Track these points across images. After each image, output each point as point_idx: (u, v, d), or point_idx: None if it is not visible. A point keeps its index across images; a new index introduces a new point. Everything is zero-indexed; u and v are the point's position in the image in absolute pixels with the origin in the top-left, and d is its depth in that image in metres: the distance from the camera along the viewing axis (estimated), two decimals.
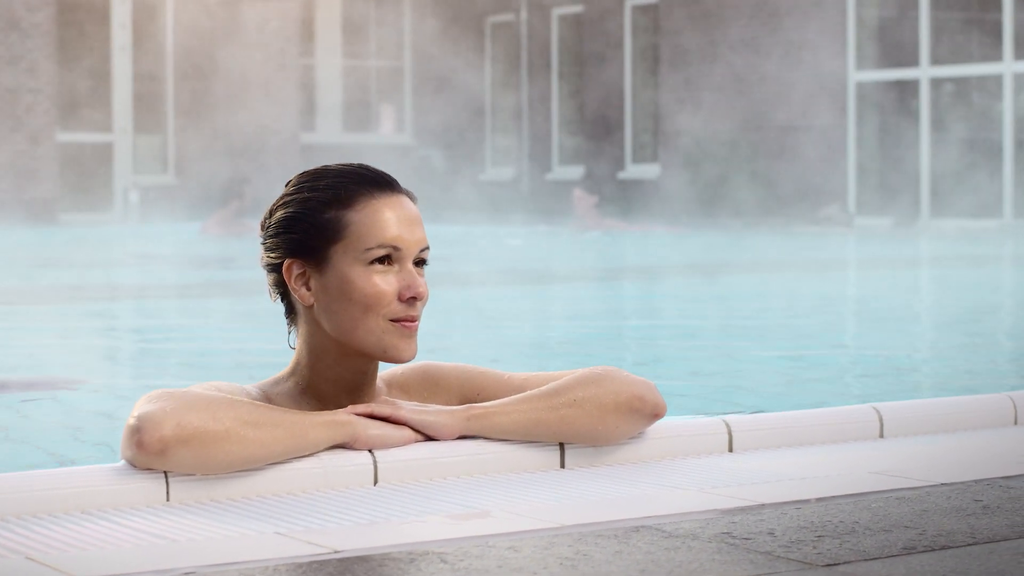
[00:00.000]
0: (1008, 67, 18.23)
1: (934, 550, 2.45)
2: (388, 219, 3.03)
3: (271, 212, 3.11)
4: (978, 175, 18.27)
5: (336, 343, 3.04)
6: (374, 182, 3.07)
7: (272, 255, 3.09)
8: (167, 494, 2.81)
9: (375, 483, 2.97)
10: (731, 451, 3.35)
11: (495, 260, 15.29)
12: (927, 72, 18.85)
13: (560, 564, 2.36)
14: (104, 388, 6.08)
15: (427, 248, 3.09)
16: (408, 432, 3.05)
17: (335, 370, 3.07)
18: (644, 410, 3.17)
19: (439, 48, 24.42)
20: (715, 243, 17.27)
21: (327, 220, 3.03)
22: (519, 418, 3.10)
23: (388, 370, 3.23)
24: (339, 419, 2.97)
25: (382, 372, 3.21)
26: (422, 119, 24.86)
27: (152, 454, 2.80)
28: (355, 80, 24.60)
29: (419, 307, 3.05)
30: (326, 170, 3.10)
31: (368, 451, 2.98)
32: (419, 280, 3.04)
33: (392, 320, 3.02)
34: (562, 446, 3.15)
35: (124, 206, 21.71)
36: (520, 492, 2.92)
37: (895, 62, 19.28)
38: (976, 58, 18.71)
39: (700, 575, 2.31)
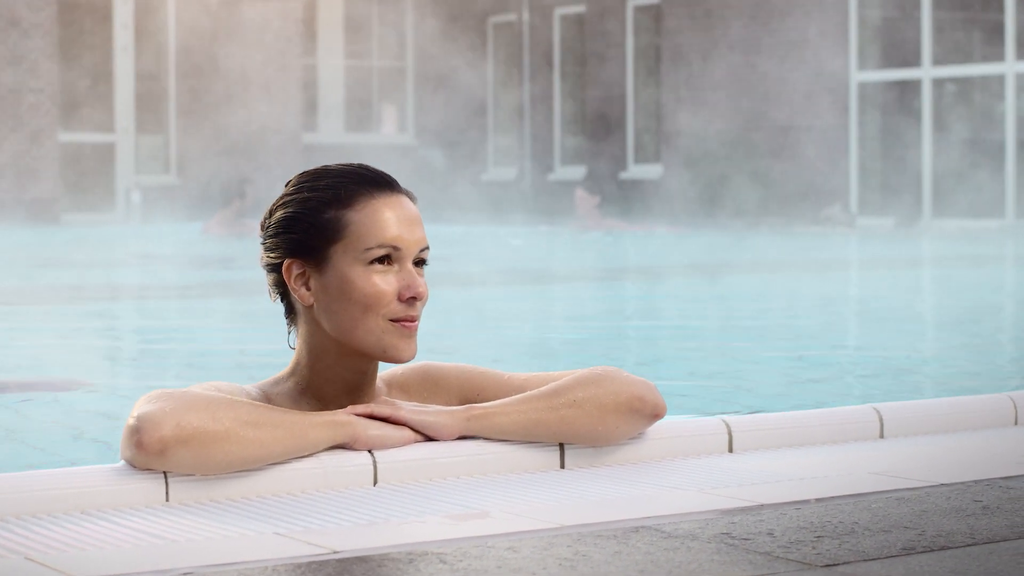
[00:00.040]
0: (1010, 67, 18.23)
1: (933, 551, 2.45)
2: (388, 219, 3.03)
3: (271, 212, 3.11)
4: (980, 175, 18.27)
5: (336, 343, 3.04)
6: (374, 182, 3.07)
7: (272, 255, 3.09)
8: (166, 494, 2.81)
9: (375, 483, 2.97)
10: (731, 451, 3.35)
11: (496, 260, 15.28)
12: (929, 72, 18.85)
13: (559, 565, 2.36)
14: (104, 388, 6.08)
15: (427, 248, 3.09)
16: (408, 432, 3.05)
17: (335, 370, 3.07)
18: (644, 410, 3.17)
19: (441, 48, 24.43)
20: (716, 243, 17.27)
21: (327, 220, 3.03)
22: (519, 418, 3.10)
23: (388, 370, 3.23)
24: (339, 419, 2.97)
25: (382, 372, 3.21)
26: (424, 119, 24.86)
27: (152, 454, 2.80)
28: (357, 80, 24.60)
29: (419, 307, 3.05)
30: (326, 170, 3.10)
31: (368, 451, 2.98)
32: (419, 280, 3.04)
33: (392, 320, 3.02)
34: (562, 446, 3.15)
35: (126, 206, 21.72)
36: (519, 492, 2.92)
37: (897, 62, 19.27)
38: (978, 58, 18.71)
39: (699, 575, 2.31)
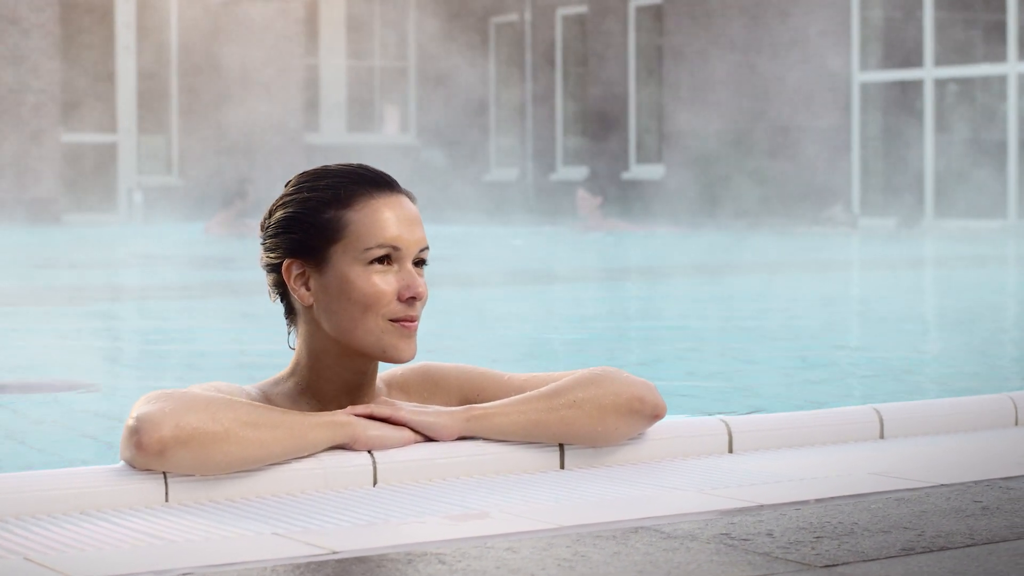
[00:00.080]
0: (1012, 68, 18.22)
1: (932, 551, 2.45)
2: (387, 219, 3.03)
3: (271, 212, 3.11)
4: (982, 176, 18.26)
5: (336, 343, 3.04)
6: (373, 182, 3.07)
7: (272, 255, 3.09)
8: (166, 495, 2.81)
9: (374, 484, 2.97)
10: (731, 452, 3.35)
11: (498, 260, 15.28)
12: (931, 72, 18.84)
13: (558, 565, 2.36)
14: (104, 389, 6.08)
15: (426, 248, 3.09)
16: (407, 433, 3.04)
17: (335, 370, 3.07)
18: (644, 411, 3.17)
19: (443, 48, 24.43)
20: (718, 243, 17.26)
21: (327, 220, 3.03)
22: (519, 419, 3.10)
23: (388, 370, 3.23)
24: (338, 420, 2.97)
25: (382, 372, 3.21)
26: (426, 119, 24.86)
27: (151, 455, 2.80)
28: (359, 80, 24.60)
29: (418, 307, 3.05)
30: (326, 170, 3.10)
31: (367, 452, 2.98)
32: (418, 280, 3.04)
33: (391, 320, 3.02)
34: (562, 447, 3.15)
35: (128, 206, 21.72)
36: (519, 493, 2.92)
37: (899, 62, 19.27)
38: (980, 58, 18.70)
39: (698, 575, 2.31)
